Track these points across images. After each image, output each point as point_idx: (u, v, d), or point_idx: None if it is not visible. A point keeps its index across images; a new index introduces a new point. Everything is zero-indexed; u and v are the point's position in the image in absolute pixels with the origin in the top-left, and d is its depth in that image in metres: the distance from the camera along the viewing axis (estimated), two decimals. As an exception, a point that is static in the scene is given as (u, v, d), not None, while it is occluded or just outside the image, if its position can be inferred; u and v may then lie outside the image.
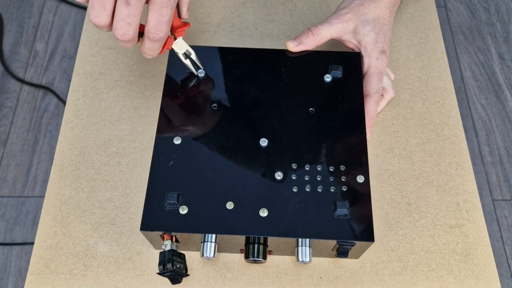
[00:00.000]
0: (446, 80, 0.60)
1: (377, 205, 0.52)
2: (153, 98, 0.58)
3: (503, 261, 1.22)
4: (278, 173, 0.46)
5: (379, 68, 0.54)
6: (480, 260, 0.49)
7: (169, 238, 0.44)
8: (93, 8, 0.43)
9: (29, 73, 1.46)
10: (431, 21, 0.65)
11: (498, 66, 1.50)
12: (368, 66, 0.54)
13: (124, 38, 0.43)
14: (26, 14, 1.57)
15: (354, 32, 0.54)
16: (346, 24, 0.54)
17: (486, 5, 1.63)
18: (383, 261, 0.49)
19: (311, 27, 0.54)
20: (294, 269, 0.49)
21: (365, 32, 0.53)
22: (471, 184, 0.53)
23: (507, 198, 1.30)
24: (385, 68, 0.55)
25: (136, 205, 0.51)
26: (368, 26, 0.53)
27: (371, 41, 0.53)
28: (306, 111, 0.50)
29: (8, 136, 1.36)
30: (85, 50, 0.62)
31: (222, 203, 0.44)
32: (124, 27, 0.43)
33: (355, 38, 0.55)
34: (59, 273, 0.48)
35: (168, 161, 0.46)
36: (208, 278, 0.48)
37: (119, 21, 0.42)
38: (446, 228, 0.51)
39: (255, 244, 0.45)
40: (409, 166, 0.54)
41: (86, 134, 0.56)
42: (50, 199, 0.52)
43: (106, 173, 0.53)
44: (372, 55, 0.54)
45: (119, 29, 0.43)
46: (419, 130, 0.56)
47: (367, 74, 0.54)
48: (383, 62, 0.54)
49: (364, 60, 0.54)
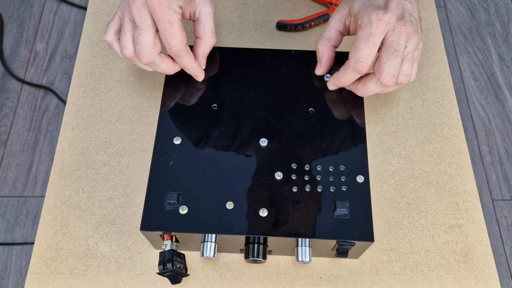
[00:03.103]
0: (446, 80, 0.60)
1: (376, 205, 0.52)
2: (153, 98, 0.58)
3: (503, 261, 1.23)
4: (278, 173, 0.46)
5: (369, 29, 0.44)
6: (479, 260, 0.49)
7: (169, 238, 0.44)
8: (122, 42, 0.48)
9: (30, 73, 1.46)
10: (431, 21, 0.65)
11: (498, 66, 1.50)
12: None
13: (144, 59, 0.47)
14: (27, 14, 1.57)
15: (349, 12, 0.48)
16: (342, 11, 0.49)
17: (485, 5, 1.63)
18: (383, 261, 0.49)
19: (317, 40, 0.51)
20: (294, 269, 0.49)
21: (355, 2, 0.47)
22: (470, 184, 0.53)
23: (506, 198, 1.30)
24: (386, 28, 0.43)
25: (136, 205, 0.51)
26: None
27: (361, 4, 0.46)
28: (306, 111, 0.50)
29: (8, 136, 1.36)
30: (86, 50, 0.62)
31: (222, 203, 0.44)
32: (139, 48, 0.47)
33: (352, 16, 0.48)
34: (59, 272, 0.48)
35: (168, 161, 0.46)
36: (208, 278, 0.48)
37: (135, 45, 0.47)
38: (445, 228, 0.51)
39: (255, 244, 0.45)
40: (408, 166, 0.54)
41: (86, 134, 0.56)
42: (51, 199, 0.52)
43: (106, 173, 0.53)
44: (364, 15, 0.44)
45: (137, 52, 0.47)
46: (419, 130, 0.56)
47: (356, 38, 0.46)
48: (379, 20, 0.43)
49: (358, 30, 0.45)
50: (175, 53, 0.48)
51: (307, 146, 0.47)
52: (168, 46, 0.47)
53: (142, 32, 0.46)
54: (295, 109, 0.50)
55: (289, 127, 0.49)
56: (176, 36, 0.47)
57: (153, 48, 0.47)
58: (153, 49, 0.47)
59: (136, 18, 0.46)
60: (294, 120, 0.49)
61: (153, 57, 0.47)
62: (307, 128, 0.49)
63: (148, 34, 0.46)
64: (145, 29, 0.46)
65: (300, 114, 0.50)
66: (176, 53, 0.48)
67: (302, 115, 0.49)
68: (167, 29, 0.46)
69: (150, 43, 0.47)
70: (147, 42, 0.46)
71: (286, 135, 0.48)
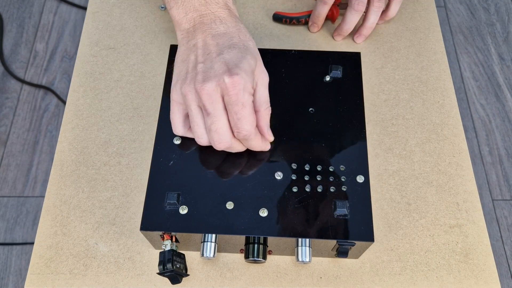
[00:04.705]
0: (446, 80, 0.60)
1: (377, 205, 0.52)
2: (153, 98, 0.58)
3: (503, 261, 1.23)
4: (278, 173, 0.46)
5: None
6: (479, 260, 0.49)
7: (169, 238, 0.44)
8: (196, 133, 0.45)
9: (29, 73, 1.46)
10: (431, 21, 0.65)
11: (498, 66, 1.50)
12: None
13: (221, 146, 0.44)
14: (26, 14, 1.57)
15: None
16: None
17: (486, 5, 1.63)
18: (383, 261, 0.49)
19: None
20: (294, 269, 0.49)
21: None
22: (470, 184, 0.53)
23: (506, 198, 1.30)
24: None
25: (136, 205, 0.51)
26: None
27: None
28: (306, 111, 0.50)
29: (8, 136, 1.36)
30: (85, 50, 0.62)
31: (222, 203, 0.44)
32: (215, 136, 0.43)
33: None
34: (59, 273, 0.48)
35: (168, 161, 0.46)
36: (208, 278, 0.48)
37: (209, 133, 0.43)
38: (445, 228, 0.51)
39: (255, 244, 0.45)
40: (408, 166, 0.54)
41: (86, 134, 0.56)
42: (50, 199, 0.52)
43: (106, 173, 0.53)
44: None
45: (211, 139, 0.44)
46: (419, 130, 0.56)
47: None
48: None
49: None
50: (244, 136, 0.43)
51: (307, 146, 0.47)
52: (237, 130, 0.43)
53: (216, 119, 0.42)
54: (295, 109, 0.50)
55: (289, 127, 0.49)
56: (248, 119, 0.42)
57: (229, 133, 0.43)
58: (229, 135, 0.43)
59: (207, 105, 0.42)
60: (294, 120, 0.49)
61: (230, 142, 0.44)
62: (307, 128, 0.49)
63: (222, 120, 0.42)
64: (219, 116, 0.42)
65: (300, 114, 0.49)
66: (245, 137, 0.43)
67: (302, 115, 0.49)
68: (238, 112, 0.42)
69: (226, 129, 0.43)
70: (223, 130, 0.43)
71: (286, 135, 0.48)
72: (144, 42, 0.63)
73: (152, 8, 0.66)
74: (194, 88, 0.43)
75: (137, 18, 0.65)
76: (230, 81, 0.41)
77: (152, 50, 0.62)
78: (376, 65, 0.61)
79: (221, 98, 0.42)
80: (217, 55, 0.44)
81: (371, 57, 0.62)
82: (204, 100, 0.42)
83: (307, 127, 0.49)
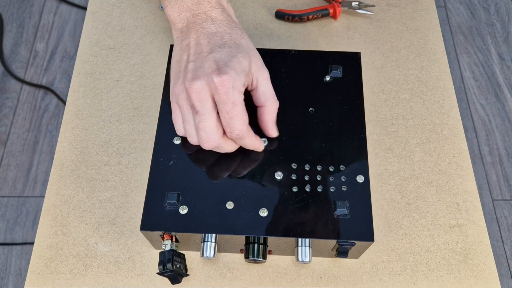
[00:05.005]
0: (446, 80, 0.60)
1: (377, 205, 0.52)
2: (153, 98, 0.58)
3: (503, 261, 1.23)
4: (278, 173, 0.46)
5: None
6: (479, 260, 0.49)
7: (169, 238, 0.44)
8: (187, 132, 0.44)
9: (29, 73, 1.46)
10: (431, 21, 0.65)
11: (498, 66, 1.50)
12: None
13: (208, 145, 0.43)
14: (26, 14, 1.57)
15: None
16: None
17: (486, 5, 1.63)
18: (383, 261, 0.49)
19: None
20: (294, 269, 0.49)
21: None
22: (470, 184, 0.53)
23: (506, 198, 1.30)
24: None
25: (136, 205, 0.51)
26: None
27: None
28: (306, 111, 0.50)
29: (8, 136, 1.36)
30: (85, 50, 0.62)
31: (222, 203, 0.44)
32: (202, 135, 0.43)
33: None
34: (59, 273, 0.48)
35: (168, 161, 0.46)
36: (208, 278, 0.48)
37: (197, 131, 0.43)
38: (445, 228, 0.51)
39: (255, 244, 0.45)
40: (408, 166, 0.54)
41: (86, 134, 0.56)
42: (50, 199, 0.52)
43: (106, 173, 0.53)
44: None
45: (199, 137, 0.43)
46: (419, 130, 0.56)
47: None
48: None
49: None
50: (237, 135, 0.43)
51: (307, 146, 0.47)
52: (230, 129, 0.43)
53: (204, 117, 0.42)
54: (295, 109, 0.50)
55: (289, 127, 0.49)
56: (239, 118, 0.42)
57: (217, 132, 0.43)
58: (217, 134, 0.43)
59: (196, 103, 0.42)
60: (294, 120, 0.49)
61: (218, 141, 0.43)
62: (307, 128, 0.49)
63: (210, 119, 0.42)
64: (207, 114, 0.42)
65: (300, 114, 0.49)
66: (238, 136, 0.43)
67: (302, 115, 0.49)
68: (230, 111, 0.42)
69: (213, 128, 0.42)
70: (210, 128, 0.42)
71: (286, 135, 0.48)
72: (144, 42, 0.63)
73: (152, 8, 0.66)
74: (184, 86, 0.43)
75: (137, 18, 0.65)
76: (219, 80, 0.41)
77: (152, 50, 0.62)
78: (376, 65, 0.61)
79: (211, 97, 0.42)
80: (207, 54, 0.44)
81: (371, 57, 0.62)
82: (192, 99, 0.42)
83: (307, 127, 0.49)
